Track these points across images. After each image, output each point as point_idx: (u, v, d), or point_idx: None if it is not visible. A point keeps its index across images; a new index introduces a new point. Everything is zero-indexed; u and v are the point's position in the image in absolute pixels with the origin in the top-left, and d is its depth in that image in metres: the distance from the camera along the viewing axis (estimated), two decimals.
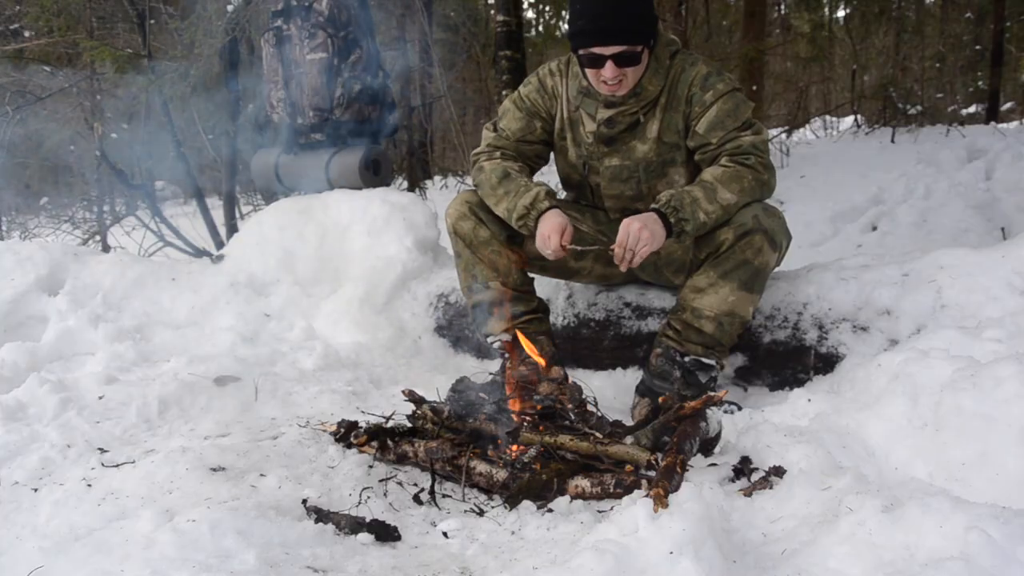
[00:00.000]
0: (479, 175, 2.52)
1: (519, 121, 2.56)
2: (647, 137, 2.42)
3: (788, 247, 2.41)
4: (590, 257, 2.65)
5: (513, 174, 2.44)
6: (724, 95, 2.31)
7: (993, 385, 1.68)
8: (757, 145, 2.28)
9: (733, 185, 2.20)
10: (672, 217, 2.15)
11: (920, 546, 1.28)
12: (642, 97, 2.37)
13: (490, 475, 1.84)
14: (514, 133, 2.56)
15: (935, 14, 13.35)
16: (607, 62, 2.23)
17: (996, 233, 4.88)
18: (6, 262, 3.34)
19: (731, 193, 2.20)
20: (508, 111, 2.59)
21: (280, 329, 3.17)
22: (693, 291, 2.32)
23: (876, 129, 9.28)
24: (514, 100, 2.59)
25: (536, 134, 2.56)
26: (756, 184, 2.25)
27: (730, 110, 2.30)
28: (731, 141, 2.29)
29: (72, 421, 2.23)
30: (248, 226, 3.79)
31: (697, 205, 2.17)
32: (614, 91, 2.32)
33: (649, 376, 2.43)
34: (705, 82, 2.33)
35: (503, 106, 2.63)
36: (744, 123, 2.31)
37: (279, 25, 3.72)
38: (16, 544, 1.59)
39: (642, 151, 2.43)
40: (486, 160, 2.53)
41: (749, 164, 2.25)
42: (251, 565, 1.41)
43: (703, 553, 1.29)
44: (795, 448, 1.69)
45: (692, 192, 2.19)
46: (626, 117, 2.40)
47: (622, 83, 2.29)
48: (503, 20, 6.46)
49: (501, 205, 2.43)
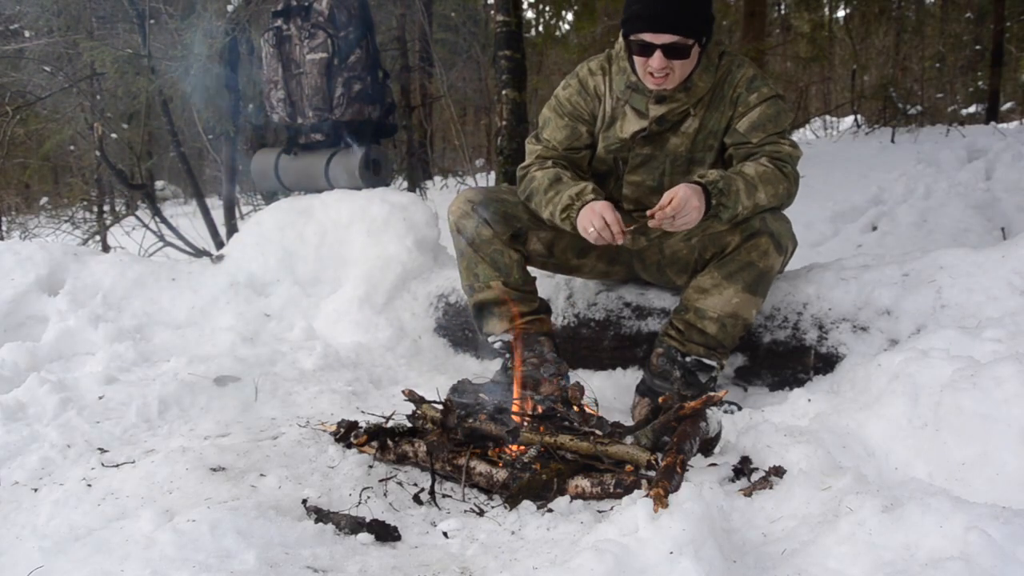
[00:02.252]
0: (530, 185, 2.43)
1: (563, 130, 2.47)
2: (681, 132, 2.40)
3: (794, 252, 2.40)
4: (592, 254, 2.64)
5: (565, 179, 2.37)
6: (768, 99, 2.31)
7: (993, 385, 1.68)
8: (795, 156, 2.29)
9: (769, 188, 2.19)
10: (716, 199, 2.11)
11: (920, 546, 1.28)
12: (692, 93, 2.33)
13: (490, 475, 1.84)
14: (560, 143, 2.48)
15: (935, 14, 13.35)
16: (656, 51, 2.18)
17: (996, 233, 4.88)
18: (6, 262, 3.34)
19: (765, 195, 2.19)
20: (549, 120, 2.50)
21: (280, 329, 3.17)
22: (697, 292, 2.32)
23: (876, 129, 9.29)
24: (554, 108, 2.50)
25: (583, 139, 2.49)
26: (785, 194, 2.26)
27: (772, 115, 2.30)
28: (772, 144, 2.28)
29: (72, 421, 2.23)
30: (248, 226, 3.79)
31: (739, 196, 2.14)
32: (660, 84, 2.26)
33: (650, 376, 2.43)
34: (751, 84, 2.32)
35: (543, 115, 2.53)
36: (784, 131, 2.32)
37: (279, 25, 3.72)
38: (16, 544, 1.59)
39: (674, 144, 2.41)
40: (537, 169, 2.45)
41: (786, 172, 2.25)
42: (251, 565, 1.41)
43: (703, 553, 1.29)
44: (795, 448, 1.69)
45: (737, 181, 2.15)
46: (676, 115, 2.37)
47: (668, 76, 2.24)
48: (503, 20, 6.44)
49: (547, 208, 2.36)
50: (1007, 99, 11.96)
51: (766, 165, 2.23)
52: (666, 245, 2.51)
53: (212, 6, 4.61)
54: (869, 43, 12.88)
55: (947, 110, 11.19)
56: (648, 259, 2.60)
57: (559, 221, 2.34)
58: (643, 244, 2.57)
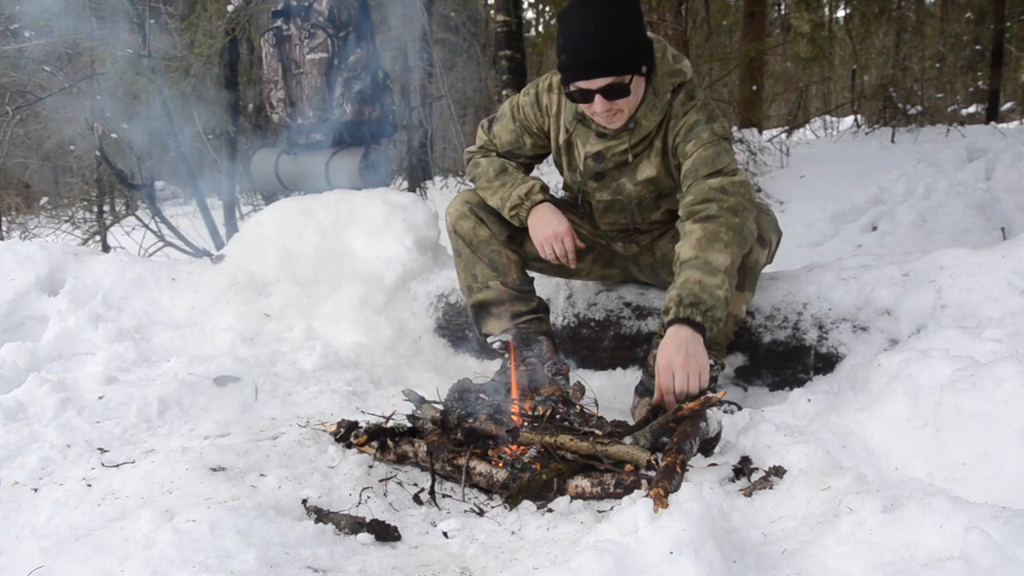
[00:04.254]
0: (475, 170, 2.53)
1: (510, 133, 2.50)
2: (637, 179, 2.33)
3: (779, 243, 2.40)
4: (589, 258, 2.65)
5: (510, 169, 2.47)
6: (705, 143, 2.17)
7: (993, 385, 1.68)
8: (725, 187, 2.10)
9: (715, 247, 2.01)
10: (697, 316, 1.93)
11: (920, 546, 1.28)
12: (636, 133, 2.26)
13: (490, 475, 1.84)
14: (504, 144, 2.53)
15: (935, 14, 13.36)
16: (595, 96, 2.11)
17: (996, 233, 4.89)
18: (6, 262, 3.34)
19: (719, 254, 2.01)
20: (504, 116, 2.52)
21: (280, 329, 3.17)
22: None
23: (876, 129, 9.29)
24: (512, 107, 2.51)
25: (524, 149, 2.51)
26: (734, 235, 2.04)
27: (708, 158, 2.16)
28: (693, 189, 2.14)
29: (72, 421, 2.23)
30: (248, 226, 3.79)
31: (704, 287, 1.96)
32: (611, 123, 2.22)
33: (648, 376, 2.43)
34: (689, 132, 2.20)
35: (502, 108, 2.56)
36: (718, 170, 2.14)
37: (279, 25, 3.72)
38: (16, 544, 1.59)
39: (632, 191, 2.36)
40: (482, 157, 2.55)
41: (712, 215, 2.06)
42: (251, 565, 1.41)
43: (703, 553, 1.29)
44: (795, 448, 1.68)
45: (690, 278, 1.99)
46: (615, 156, 2.31)
47: (618, 115, 2.19)
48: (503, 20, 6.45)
49: (496, 197, 2.45)
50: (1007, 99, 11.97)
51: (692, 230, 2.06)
52: (657, 247, 2.54)
53: (212, 6, 4.61)
54: (869, 43, 12.88)
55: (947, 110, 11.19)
56: (643, 262, 2.62)
57: (507, 215, 2.43)
58: (635, 250, 2.59)
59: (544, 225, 2.35)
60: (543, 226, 2.36)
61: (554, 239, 2.34)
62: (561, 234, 2.33)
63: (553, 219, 2.35)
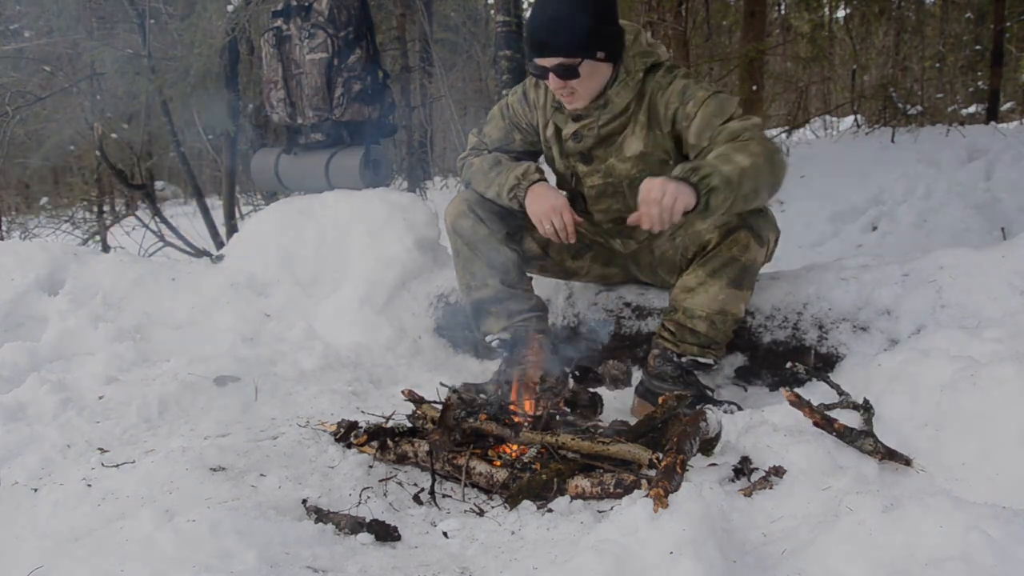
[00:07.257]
0: (469, 170, 2.59)
1: (500, 131, 2.62)
2: (625, 156, 2.38)
3: (777, 241, 2.40)
4: (588, 256, 2.66)
5: (504, 160, 2.52)
6: (705, 100, 2.22)
7: (993, 385, 1.68)
8: (747, 127, 2.14)
9: (741, 152, 2.02)
10: (693, 177, 1.92)
11: (920, 546, 1.28)
12: (608, 110, 2.33)
13: (490, 475, 1.84)
14: (494, 142, 2.62)
15: (935, 14, 13.34)
16: (549, 74, 2.23)
17: (996, 233, 4.89)
18: (6, 262, 3.34)
19: (743, 156, 2.00)
20: (494, 118, 2.63)
21: (280, 329, 3.17)
22: (683, 291, 2.33)
23: (876, 129, 9.27)
24: (501, 107, 2.62)
25: (514, 146, 2.61)
26: (764, 151, 2.05)
27: (715, 110, 2.21)
28: (721, 132, 2.18)
29: (72, 421, 2.23)
30: (248, 226, 3.79)
31: (714, 166, 1.96)
32: (570, 103, 2.32)
33: (648, 377, 2.43)
34: (684, 95, 2.25)
35: (491, 112, 2.66)
36: (732, 116, 2.20)
37: (279, 25, 3.72)
38: (16, 544, 1.59)
39: (622, 170, 2.41)
40: (475, 157, 2.61)
41: (746, 139, 2.10)
42: (251, 565, 1.41)
43: (703, 553, 1.29)
44: (795, 448, 1.69)
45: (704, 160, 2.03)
46: (592, 131, 2.37)
47: (574, 95, 2.28)
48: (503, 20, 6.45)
49: (493, 186, 2.48)
50: (1007, 99, 11.95)
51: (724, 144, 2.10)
52: (655, 246, 2.54)
53: (212, 6, 4.61)
54: (869, 43, 12.88)
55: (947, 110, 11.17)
56: (642, 261, 2.63)
57: (506, 199, 2.44)
58: (634, 247, 2.59)
59: (542, 200, 2.37)
60: (541, 201, 2.37)
61: (552, 212, 2.34)
62: (559, 207, 2.34)
63: (550, 194, 2.38)
